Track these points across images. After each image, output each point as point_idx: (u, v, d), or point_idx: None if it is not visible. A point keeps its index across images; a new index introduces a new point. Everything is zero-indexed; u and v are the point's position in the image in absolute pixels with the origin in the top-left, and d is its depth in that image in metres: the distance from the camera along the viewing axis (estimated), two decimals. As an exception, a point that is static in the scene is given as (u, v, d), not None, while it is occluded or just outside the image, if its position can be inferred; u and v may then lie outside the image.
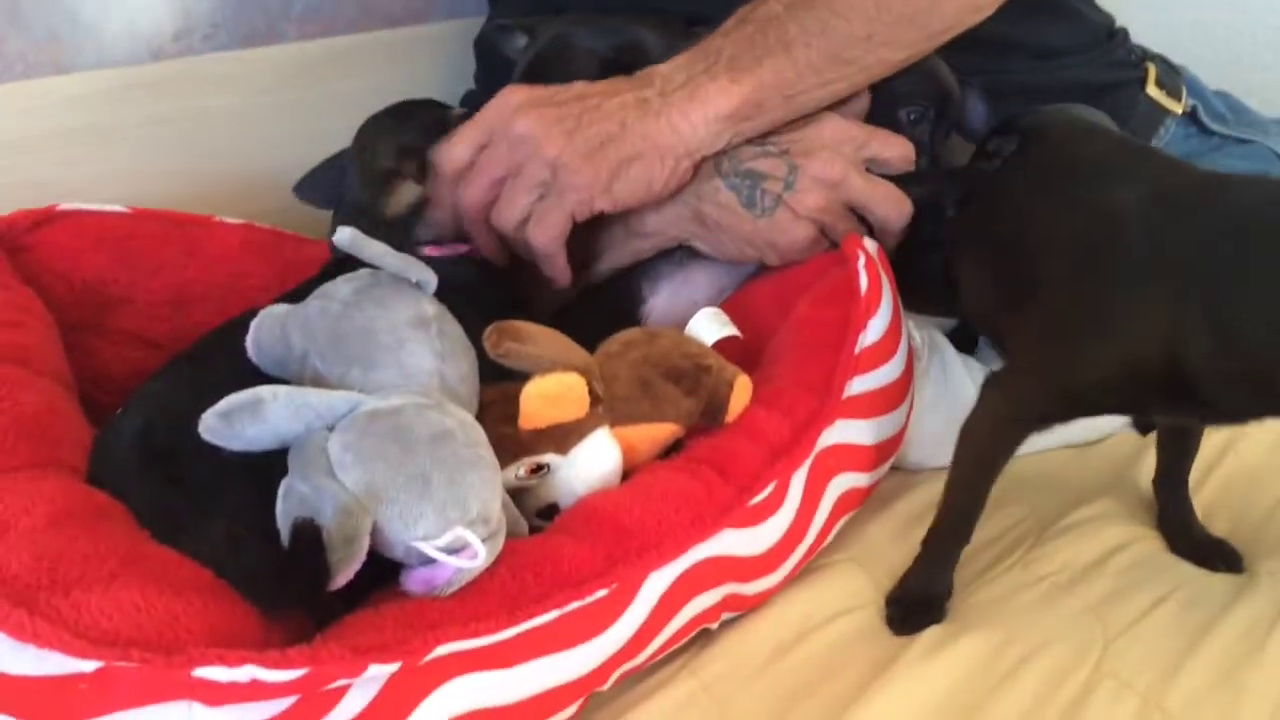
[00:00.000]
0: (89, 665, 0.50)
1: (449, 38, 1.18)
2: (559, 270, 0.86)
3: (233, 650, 0.50)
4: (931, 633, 0.70)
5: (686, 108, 0.81)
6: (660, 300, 0.92)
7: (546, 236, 0.83)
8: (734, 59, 0.82)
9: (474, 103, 1.09)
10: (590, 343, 0.77)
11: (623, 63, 0.90)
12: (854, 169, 0.85)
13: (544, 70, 0.92)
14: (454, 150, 0.84)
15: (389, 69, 1.14)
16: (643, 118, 0.81)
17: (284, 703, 0.51)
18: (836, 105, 0.87)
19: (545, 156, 0.81)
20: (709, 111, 0.81)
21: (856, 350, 0.76)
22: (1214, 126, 1.15)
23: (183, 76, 1.02)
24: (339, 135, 0.90)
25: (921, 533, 0.76)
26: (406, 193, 0.86)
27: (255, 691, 0.50)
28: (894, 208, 0.86)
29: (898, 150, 0.87)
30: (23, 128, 0.94)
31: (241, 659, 0.49)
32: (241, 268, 0.91)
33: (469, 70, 1.15)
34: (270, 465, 0.63)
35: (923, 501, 0.83)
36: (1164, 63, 1.19)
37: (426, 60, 1.17)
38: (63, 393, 0.74)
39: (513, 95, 0.84)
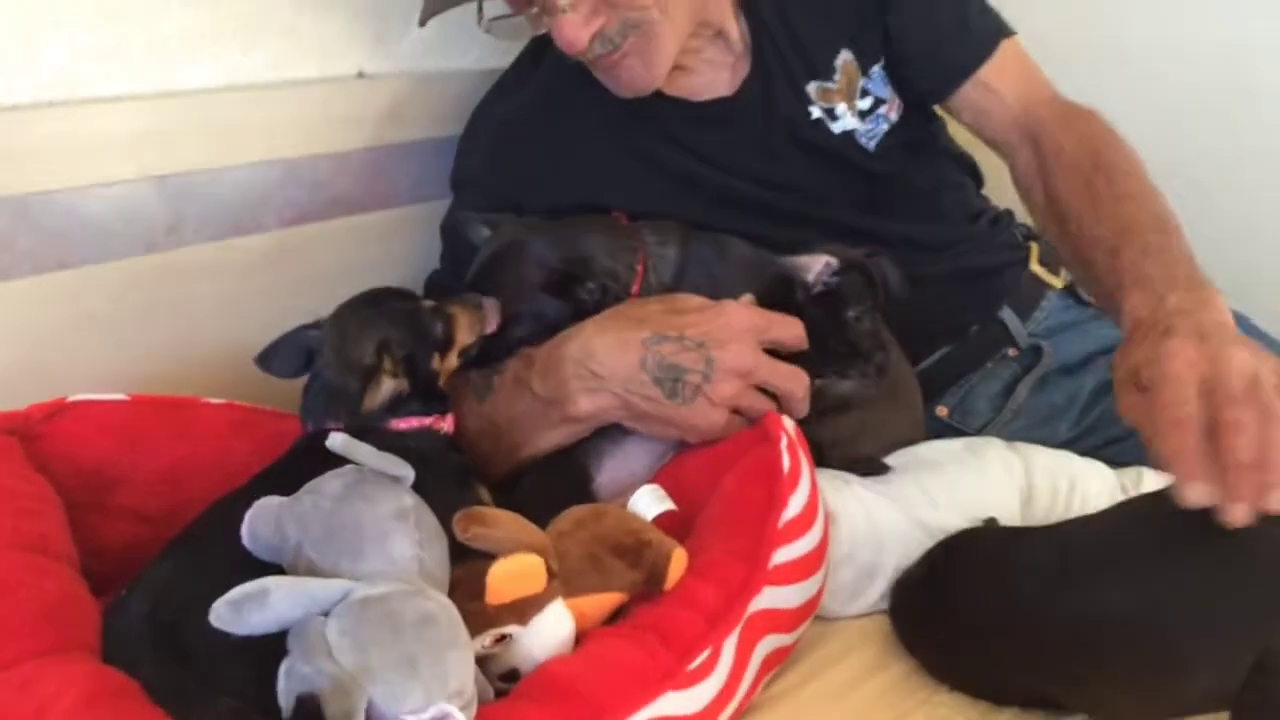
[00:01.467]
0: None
1: (414, 220, 1.30)
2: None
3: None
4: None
5: None
6: (605, 475, 1.05)
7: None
8: None
9: (438, 281, 1.22)
10: (546, 511, 0.89)
11: (569, 275, 1.03)
12: (761, 357, 0.98)
13: (498, 269, 1.05)
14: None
15: (359, 251, 1.26)
16: None
17: None
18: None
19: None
20: None
21: (780, 524, 0.88)
22: (1089, 299, 1.30)
23: (173, 266, 1.12)
24: (315, 312, 1.01)
25: (836, 679, 0.88)
26: (386, 387, 0.96)
27: None
28: (796, 384, 1.00)
29: (793, 333, 1.01)
30: (31, 318, 1.04)
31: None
32: (226, 445, 1.01)
33: (433, 249, 1.27)
34: (266, 644, 0.71)
35: (835, 649, 0.94)
36: (1045, 242, 1.35)
37: (393, 241, 1.29)
38: (75, 576, 0.83)
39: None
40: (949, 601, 0.92)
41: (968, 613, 0.90)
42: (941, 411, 1.27)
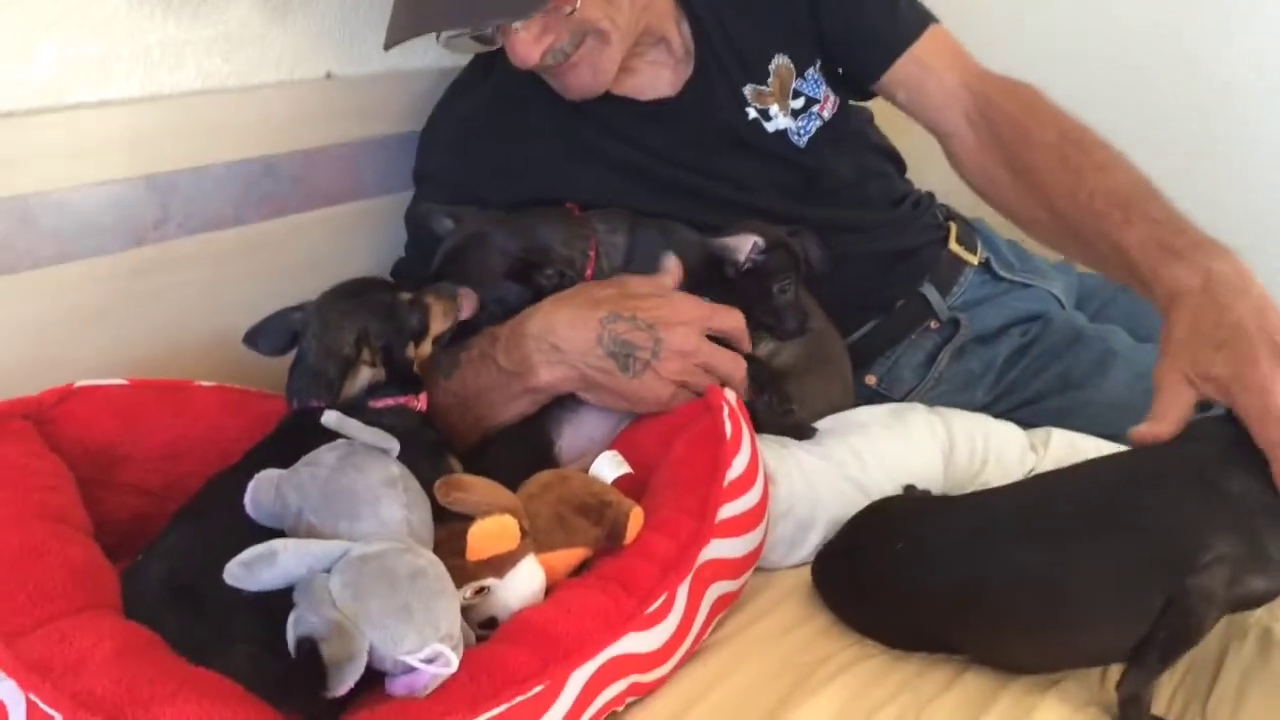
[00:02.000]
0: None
1: (382, 211, 1.39)
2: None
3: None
4: (797, 692, 0.92)
5: None
6: (565, 441, 1.15)
7: None
8: None
9: (405, 269, 1.31)
10: (512, 475, 0.99)
11: (529, 263, 1.13)
12: (704, 341, 1.09)
13: (463, 259, 1.15)
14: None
15: (332, 240, 1.34)
16: None
17: None
18: None
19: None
20: None
21: (725, 483, 0.99)
22: (1003, 274, 1.43)
23: (162, 258, 1.20)
24: (294, 298, 1.08)
25: (776, 622, 1.00)
26: (364, 375, 1.05)
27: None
28: (734, 367, 1.11)
29: (733, 323, 1.13)
30: (33, 311, 1.11)
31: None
32: (219, 423, 1.10)
33: (399, 238, 1.36)
34: (274, 600, 0.81)
35: (776, 596, 1.06)
36: (963, 221, 1.46)
37: (363, 231, 1.38)
38: (93, 544, 0.92)
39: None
40: (865, 570, 1.04)
41: (882, 579, 1.02)
42: (870, 380, 1.39)
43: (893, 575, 1.01)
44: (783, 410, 1.17)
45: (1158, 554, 0.87)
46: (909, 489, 1.13)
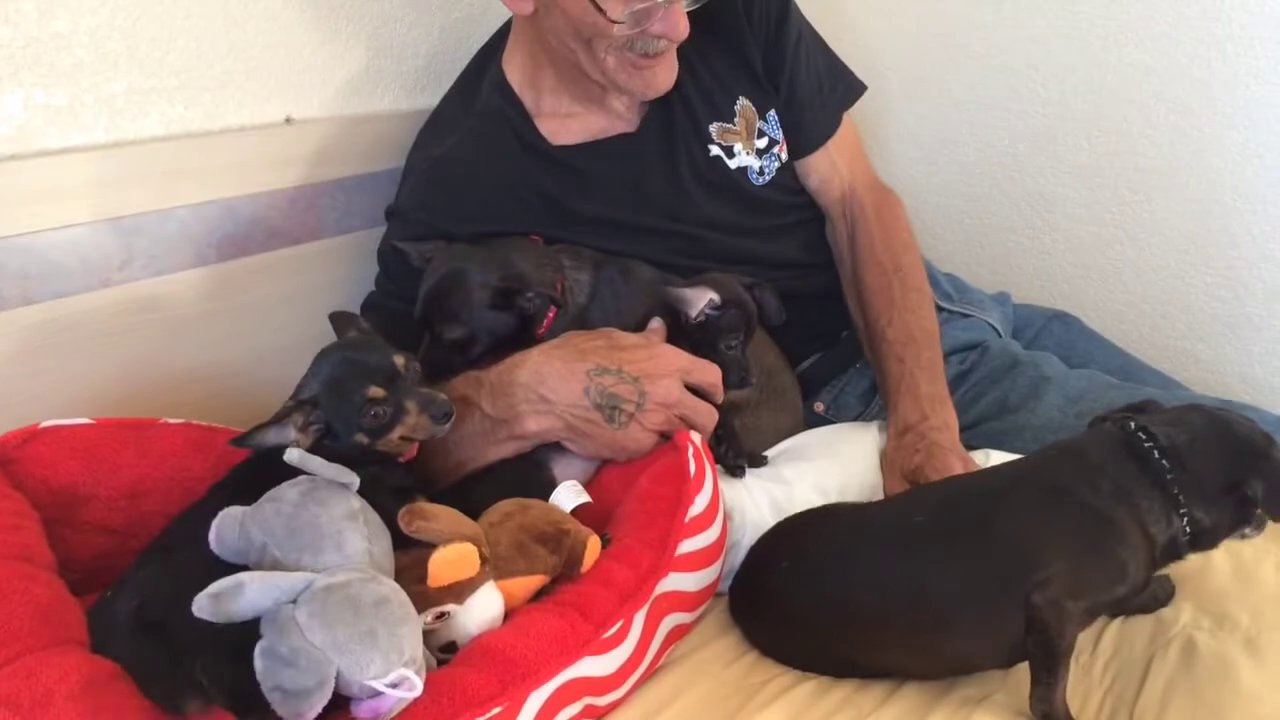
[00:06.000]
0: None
1: (341, 251, 1.42)
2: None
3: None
4: (743, 712, 0.96)
5: None
6: (557, 470, 1.18)
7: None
8: None
9: (375, 302, 1.34)
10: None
11: (510, 289, 1.17)
12: (685, 393, 1.14)
13: (445, 297, 1.19)
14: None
15: (293, 279, 1.37)
16: None
17: None
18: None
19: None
20: None
21: (686, 519, 1.03)
22: (942, 304, 1.49)
23: (127, 298, 1.22)
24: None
25: (725, 647, 1.04)
26: (395, 435, 1.04)
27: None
28: (708, 419, 1.16)
29: (710, 378, 1.17)
30: (1, 351, 1.13)
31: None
32: (184, 463, 1.12)
33: (358, 277, 1.39)
34: (232, 630, 0.83)
35: (724, 621, 1.10)
36: None
37: (322, 270, 1.41)
38: (58, 581, 0.94)
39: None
40: (759, 590, 1.09)
41: (772, 597, 1.07)
42: (819, 408, 1.44)
43: (781, 592, 1.06)
44: (736, 463, 1.22)
45: (1003, 568, 0.94)
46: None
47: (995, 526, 0.97)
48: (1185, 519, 0.95)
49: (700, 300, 1.21)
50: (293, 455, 0.93)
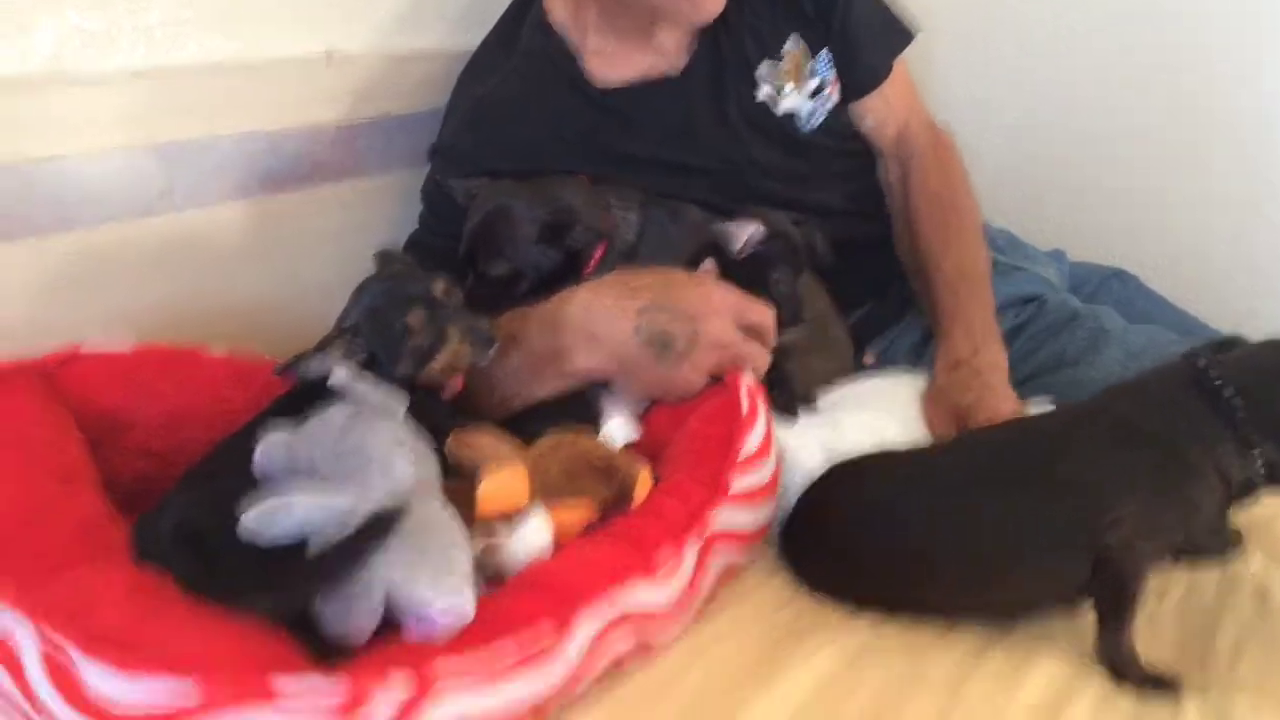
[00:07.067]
0: (193, 684, 0.69)
1: (383, 190, 1.40)
2: None
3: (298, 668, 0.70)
4: (794, 655, 0.93)
5: None
6: (605, 408, 1.13)
7: None
8: None
9: (419, 240, 1.32)
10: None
11: (558, 224, 1.14)
12: (737, 333, 1.10)
13: (492, 233, 1.16)
14: None
15: (334, 217, 1.35)
16: None
17: (336, 700, 0.69)
18: None
19: None
20: None
21: (738, 457, 1.00)
22: (996, 257, 1.45)
23: (168, 229, 1.20)
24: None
25: (775, 591, 1.01)
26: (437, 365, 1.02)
27: (315, 696, 0.69)
28: (760, 359, 1.12)
29: (763, 319, 1.13)
30: (36, 278, 1.11)
31: (305, 671, 0.70)
32: (225, 394, 1.09)
33: (400, 216, 1.37)
34: (278, 551, 0.81)
35: (773, 565, 1.07)
36: None
37: (363, 209, 1.39)
38: (103, 499, 0.93)
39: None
40: (816, 530, 1.06)
41: (831, 538, 1.04)
42: (868, 360, 1.40)
43: (836, 535, 1.03)
44: (789, 406, 1.19)
45: (1071, 509, 0.91)
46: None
47: (1062, 466, 0.93)
48: (1260, 457, 0.91)
49: (745, 232, 1.18)
50: (339, 376, 0.91)
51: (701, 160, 1.33)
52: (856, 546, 1.01)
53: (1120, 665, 0.89)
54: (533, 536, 0.92)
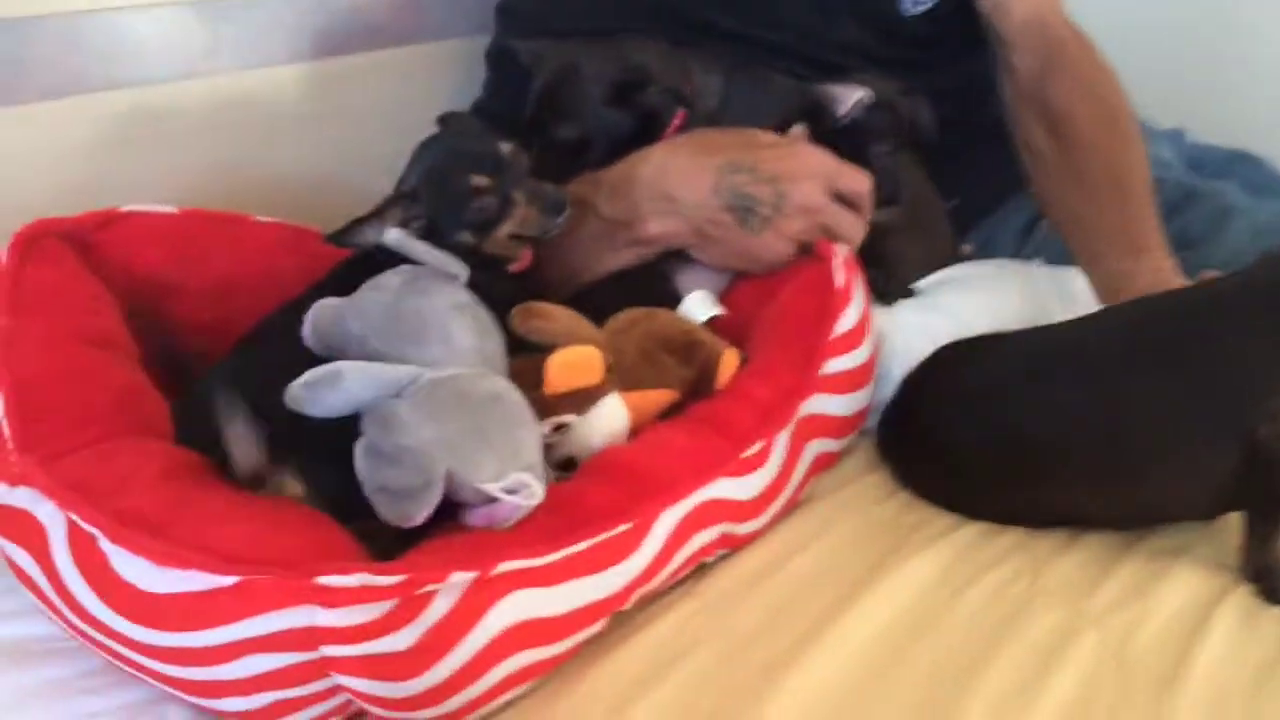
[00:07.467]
0: (229, 580, 0.62)
1: (446, 55, 1.30)
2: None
3: (349, 561, 0.62)
4: (894, 555, 0.84)
5: None
6: (683, 280, 1.04)
7: None
8: None
9: (485, 108, 1.22)
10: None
11: (630, 83, 1.03)
12: (829, 200, 0.99)
13: (558, 95, 1.06)
14: None
15: (395, 84, 1.25)
16: None
17: (386, 605, 0.62)
18: None
19: None
20: None
21: (832, 335, 0.90)
22: None
23: (215, 91, 1.12)
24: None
25: (873, 485, 0.93)
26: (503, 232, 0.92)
27: (365, 595, 0.61)
28: (854, 230, 1.01)
29: (859, 185, 1.01)
30: (79, 137, 1.04)
31: (355, 568, 0.61)
32: (275, 262, 1.01)
33: (466, 86, 1.27)
34: (329, 425, 0.73)
35: (872, 458, 0.98)
36: None
37: (425, 77, 1.28)
38: (139, 370, 0.85)
39: None
40: (914, 426, 0.96)
41: (930, 433, 0.94)
42: (965, 250, 1.28)
43: (942, 426, 0.93)
44: (887, 288, 1.08)
45: (1221, 396, 0.80)
46: None
47: (1211, 347, 0.82)
48: None
49: (850, 96, 1.06)
50: (393, 235, 0.82)
51: (786, 37, 1.19)
52: (966, 439, 0.91)
53: (1270, 577, 0.79)
54: (606, 418, 0.83)
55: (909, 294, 1.12)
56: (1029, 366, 0.91)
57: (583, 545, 0.70)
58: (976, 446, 0.90)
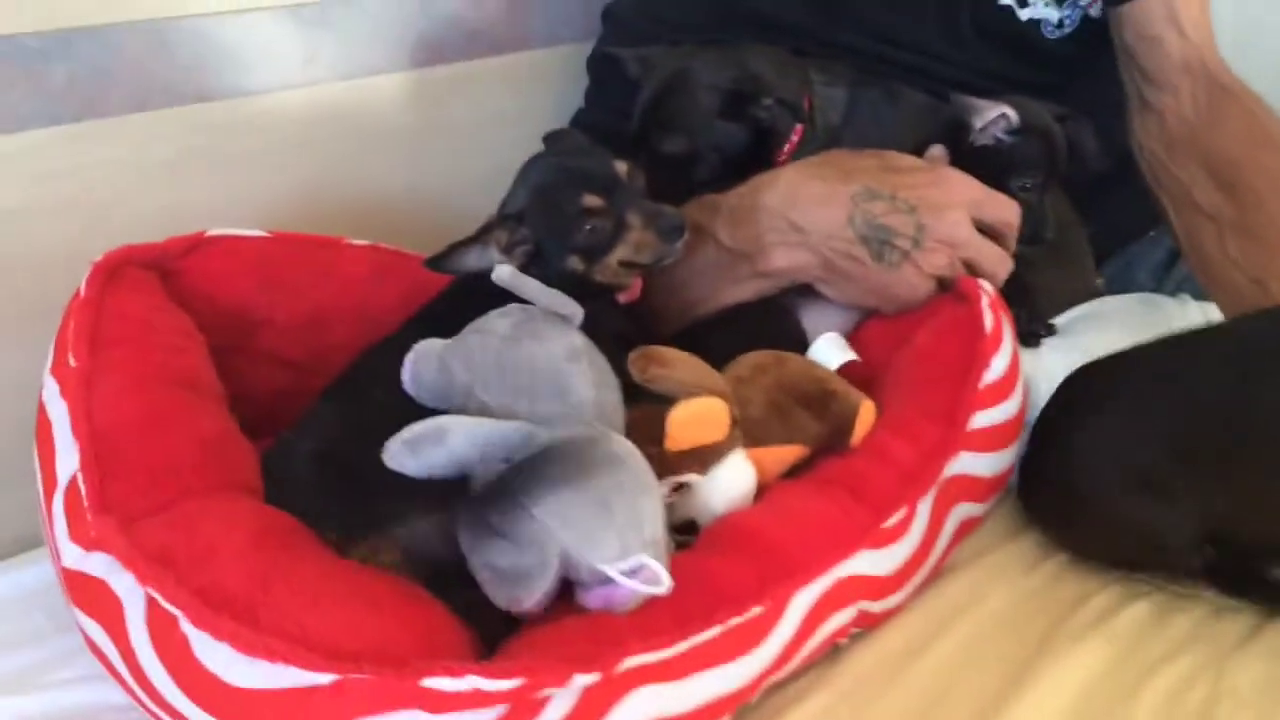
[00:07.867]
0: (325, 678, 0.55)
1: (550, 64, 1.23)
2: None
3: (457, 662, 0.54)
4: (1054, 639, 0.75)
5: None
6: (809, 318, 0.96)
7: None
8: None
9: (585, 120, 1.15)
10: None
11: (743, 93, 0.95)
12: (974, 231, 0.90)
13: (667, 104, 0.98)
14: None
15: (498, 95, 1.19)
16: None
17: (497, 710, 0.55)
18: None
19: None
20: None
21: (981, 385, 0.81)
22: None
23: (311, 103, 1.06)
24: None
25: (1021, 549, 0.83)
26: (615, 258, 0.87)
27: (475, 700, 0.54)
28: (1001, 266, 0.91)
29: (1007, 215, 0.92)
30: (167, 152, 0.99)
31: (464, 670, 0.54)
32: (371, 290, 0.94)
33: (567, 91, 1.20)
34: (431, 487, 0.66)
35: (1018, 517, 0.88)
36: None
37: (529, 88, 1.22)
38: (227, 414, 0.79)
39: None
40: (1062, 458, 0.85)
41: (1081, 461, 0.83)
42: (1098, 283, 1.17)
43: (1088, 457, 0.82)
44: (1031, 328, 0.98)
45: None
46: None
47: None
48: None
49: (991, 113, 0.96)
50: (503, 272, 0.74)
51: (918, 59, 1.11)
52: (1143, 433, 0.79)
53: None
54: (732, 479, 0.75)
55: (1052, 332, 1.01)
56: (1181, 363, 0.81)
57: (712, 633, 0.63)
58: (1138, 459, 0.79)
